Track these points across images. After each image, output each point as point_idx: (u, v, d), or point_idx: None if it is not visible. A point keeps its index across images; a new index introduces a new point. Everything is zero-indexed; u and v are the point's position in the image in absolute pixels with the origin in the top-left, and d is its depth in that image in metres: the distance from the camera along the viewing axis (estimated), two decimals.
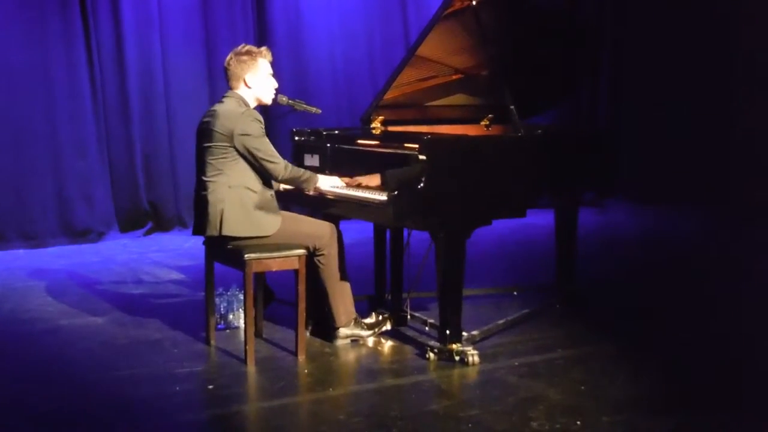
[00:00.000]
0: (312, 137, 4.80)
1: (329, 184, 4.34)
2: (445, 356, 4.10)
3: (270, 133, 4.34)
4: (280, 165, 4.17)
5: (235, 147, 4.11)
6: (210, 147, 4.15)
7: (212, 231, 4.15)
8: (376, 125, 4.83)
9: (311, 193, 4.35)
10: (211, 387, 3.87)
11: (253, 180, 4.17)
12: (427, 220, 4.02)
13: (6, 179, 6.98)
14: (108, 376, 3.99)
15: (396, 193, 3.96)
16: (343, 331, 4.39)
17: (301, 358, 4.16)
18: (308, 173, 4.31)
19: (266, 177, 4.20)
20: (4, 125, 6.96)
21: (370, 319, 4.51)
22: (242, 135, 4.10)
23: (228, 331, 4.63)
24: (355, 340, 4.42)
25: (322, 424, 3.46)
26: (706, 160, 8.27)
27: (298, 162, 4.79)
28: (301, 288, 4.14)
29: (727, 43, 8.17)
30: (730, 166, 8.14)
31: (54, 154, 7.16)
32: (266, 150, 4.15)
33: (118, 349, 4.38)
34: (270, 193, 4.24)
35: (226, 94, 4.27)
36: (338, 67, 8.32)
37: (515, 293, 5.34)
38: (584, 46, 5.17)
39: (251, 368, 4.06)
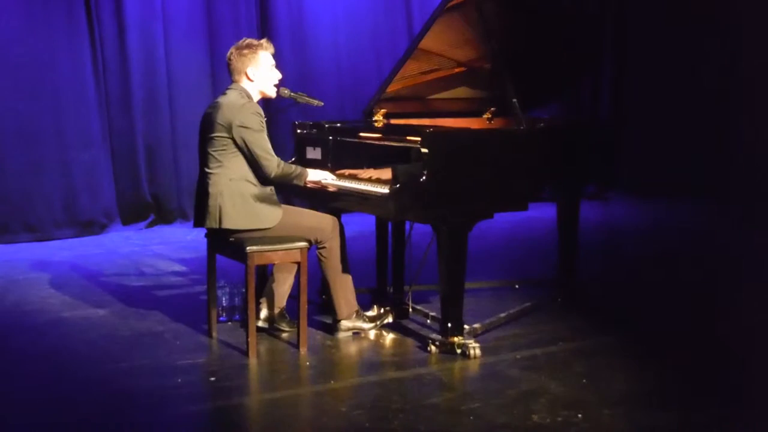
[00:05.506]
0: (314, 130, 4.80)
1: (320, 177, 4.34)
2: (447, 349, 4.11)
3: (272, 125, 4.33)
4: (273, 162, 4.15)
5: (233, 138, 4.11)
6: (211, 138, 4.16)
7: (212, 223, 4.16)
8: (379, 118, 4.84)
9: (309, 185, 4.34)
10: (213, 379, 3.88)
11: (253, 173, 4.17)
12: (428, 213, 4.02)
13: (10, 172, 6.97)
14: (110, 368, 4.00)
15: (398, 186, 3.96)
16: (344, 324, 4.39)
17: (303, 350, 4.16)
18: (299, 169, 4.29)
19: (259, 172, 4.17)
20: (8, 118, 6.95)
21: (372, 312, 4.51)
22: (241, 127, 4.10)
23: (230, 323, 4.63)
24: (357, 333, 4.42)
25: (324, 416, 3.47)
26: (709, 153, 8.25)
27: (299, 155, 4.79)
28: (303, 280, 4.15)
29: (731, 37, 8.14)
30: (733, 160, 8.12)
31: (57, 146, 7.15)
32: (262, 145, 4.13)
33: (120, 341, 4.39)
34: (270, 186, 4.24)
35: (229, 87, 4.27)
36: (341, 60, 8.31)
37: (517, 286, 5.34)
38: (586, 38, 5.16)
39: (253, 360, 4.07)
